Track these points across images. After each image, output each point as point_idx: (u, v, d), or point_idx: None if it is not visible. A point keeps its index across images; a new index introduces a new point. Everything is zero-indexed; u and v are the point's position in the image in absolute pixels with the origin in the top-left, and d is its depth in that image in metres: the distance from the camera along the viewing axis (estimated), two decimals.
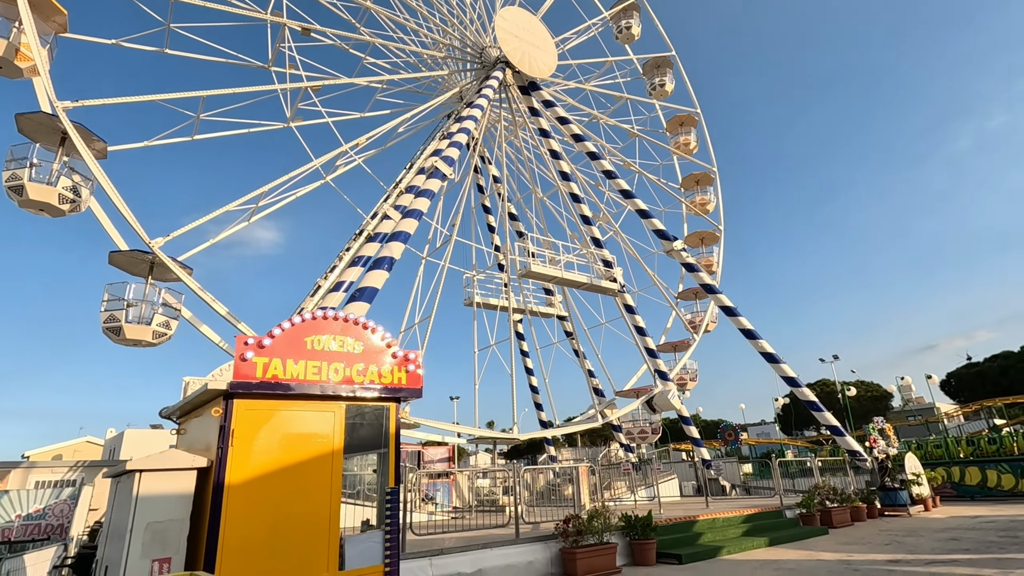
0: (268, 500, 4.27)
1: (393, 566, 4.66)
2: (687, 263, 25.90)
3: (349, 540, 4.62)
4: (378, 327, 5.22)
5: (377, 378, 5.10)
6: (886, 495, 19.08)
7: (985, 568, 9.17)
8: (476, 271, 27.64)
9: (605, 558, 10.65)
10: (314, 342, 4.80)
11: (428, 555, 9.31)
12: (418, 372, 5.33)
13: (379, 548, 4.67)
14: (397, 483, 4.94)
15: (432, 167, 17.22)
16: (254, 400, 4.42)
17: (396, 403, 5.23)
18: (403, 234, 15.17)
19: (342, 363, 4.91)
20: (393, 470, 4.99)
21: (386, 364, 5.17)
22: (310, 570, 4.28)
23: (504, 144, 28.50)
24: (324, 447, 4.66)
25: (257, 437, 4.34)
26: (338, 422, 4.82)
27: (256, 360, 4.45)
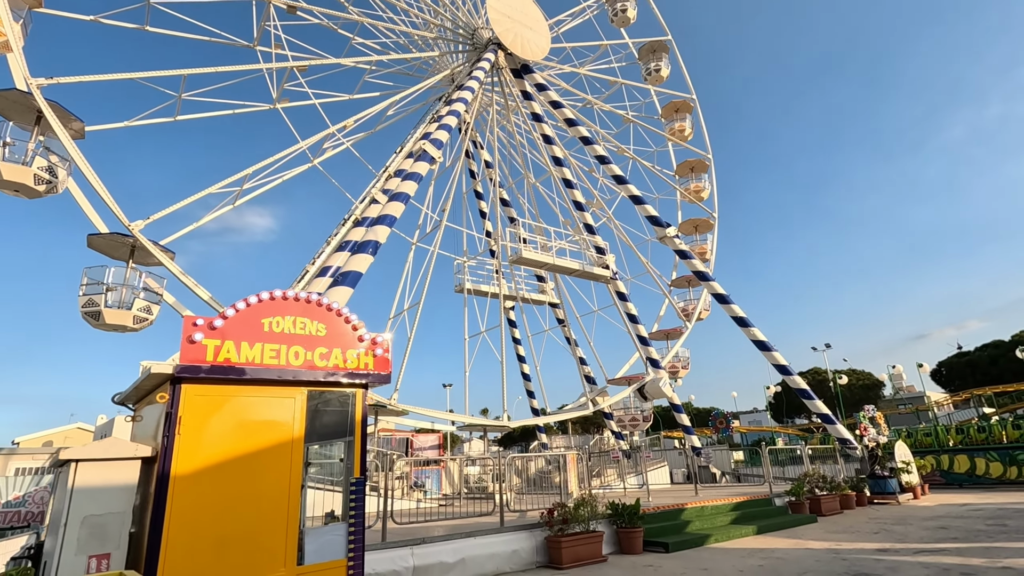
0: (220, 491, 4.01)
1: (357, 560, 4.43)
2: (680, 250, 25.67)
3: (310, 533, 4.38)
4: (343, 309, 4.93)
5: (342, 363, 4.81)
6: (875, 483, 19.08)
7: (973, 557, 9.07)
8: (467, 257, 27.32)
9: (591, 546, 10.50)
10: (272, 324, 4.51)
11: (409, 544, 9.12)
12: (386, 357, 5.05)
13: (342, 541, 4.44)
14: (363, 472, 4.70)
15: (420, 150, 16.84)
16: (204, 385, 4.14)
17: (363, 389, 4.96)
18: (389, 217, 14.82)
19: (303, 346, 4.62)
20: (359, 459, 4.73)
21: (352, 348, 4.89)
22: (265, 565, 4.04)
23: (496, 129, 28.05)
24: (283, 435, 4.39)
25: (208, 424, 4.07)
26: (299, 409, 4.55)
27: (207, 342, 4.16)
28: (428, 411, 20.11)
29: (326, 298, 4.82)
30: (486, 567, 9.72)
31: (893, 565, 8.81)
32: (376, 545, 8.82)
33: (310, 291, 4.94)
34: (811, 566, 9.04)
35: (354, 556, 4.41)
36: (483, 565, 9.70)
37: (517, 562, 10.14)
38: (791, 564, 9.27)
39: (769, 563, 9.46)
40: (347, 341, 4.90)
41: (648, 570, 9.43)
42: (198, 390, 4.12)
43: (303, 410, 4.58)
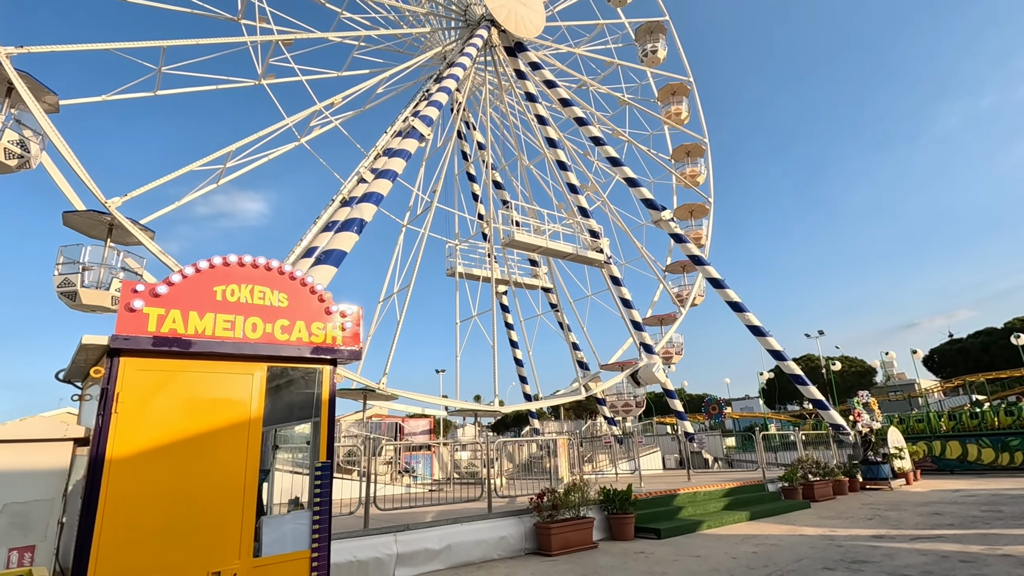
0: (164, 477, 3.62)
1: (323, 551, 4.06)
2: (675, 234, 25.30)
3: (269, 522, 4.00)
4: (308, 278, 4.50)
5: (306, 336, 4.40)
6: (868, 469, 18.98)
7: (972, 544, 8.85)
8: (459, 240, 26.84)
9: (581, 533, 10.24)
10: (226, 292, 4.08)
11: (393, 531, 8.81)
12: (356, 331, 4.64)
13: (306, 531, 4.07)
14: (330, 456, 4.32)
15: (409, 127, 16.29)
16: (147, 359, 3.73)
17: (330, 366, 4.56)
18: (375, 195, 14.32)
19: (262, 318, 4.20)
20: (325, 442, 4.34)
21: (317, 321, 4.48)
22: (216, 558, 3.67)
23: (489, 109, 27.41)
24: (239, 415, 4.00)
25: (151, 402, 3.66)
26: (257, 386, 4.15)
27: (148, 311, 3.73)
28: (418, 395, 19.78)
29: (288, 265, 4.41)
30: (473, 554, 9.44)
31: (890, 552, 8.58)
32: (358, 532, 8.52)
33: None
34: (806, 553, 8.81)
35: (319, 547, 4.05)
36: (470, 552, 9.42)
37: (505, 549, 9.87)
38: (785, 551, 9.03)
39: (763, 550, 9.22)
40: (312, 313, 4.48)
41: (639, 557, 9.17)
42: (139, 364, 3.70)
43: (262, 388, 4.18)
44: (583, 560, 9.20)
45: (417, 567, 8.81)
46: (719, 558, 8.74)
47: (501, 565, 9.12)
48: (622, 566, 8.56)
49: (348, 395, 19.49)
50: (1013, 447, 22.41)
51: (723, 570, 7.93)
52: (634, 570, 8.24)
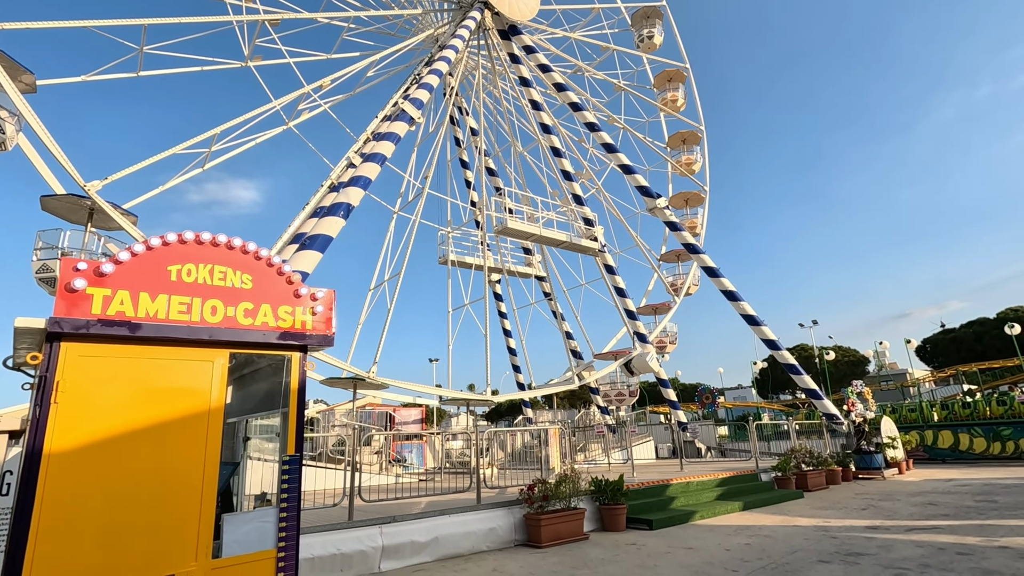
0: (111, 472, 3.32)
1: (290, 550, 3.79)
2: (670, 222, 25.03)
3: (230, 520, 3.72)
4: (275, 258, 4.17)
5: (272, 320, 4.07)
6: (861, 458, 18.94)
7: (968, 536, 8.71)
8: (451, 228, 26.46)
9: (572, 524, 10.05)
10: (182, 272, 3.75)
11: (378, 523, 8.58)
12: (329, 315, 4.33)
13: (271, 529, 3.79)
14: (299, 450, 4.03)
15: (398, 110, 15.87)
16: (92, 344, 3.41)
17: (300, 352, 4.26)
18: (363, 179, 13.93)
19: (223, 300, 3.87)
20: (294, 434, 4.05)
21: (285, 304, 4.15)
22: (170, 559, 3.39)
23: (482, 94, 26.94)
24: (197, 405, 3.69)
25: (97, 391, 3.35)
26: (218, 374, 3.84)
27: (92, 292, 3.39)
28: (409, 384, 19.54)
29: (253, 244, 4.09)
30: (461, 546, 9.23)
31: (885, 543, 8.43)
32: (342, 524, 8.29)
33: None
34: (800, 544, 8.64)
35: (286, 546, 3.77)
36: (458, 544, 9.21)
37: (494, 540, 9.67)
38: (779, 542, 8.86)
39: (756, 541, 9.06)
40: (279, 296, 4.15)
41: (631, 549, 8.99)
42: (83, 350, 3.39)
43: (223, 376, 3.87)
44: (573, 552, 9.01)
45: (403, 560, 8.60)
46: (712, 550, 8.56)
47: (490, 557, 8.92)
48: (613, 558, 8.37)
49: (338, 384, 19.20)
50: (1005, 436, 22.46)
51: (716, 563, 7.75)
52: (625, 563, 8.05)
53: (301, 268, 11.72)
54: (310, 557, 7.74)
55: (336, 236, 12.81)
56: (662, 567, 7.67)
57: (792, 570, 7.16)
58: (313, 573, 7.75)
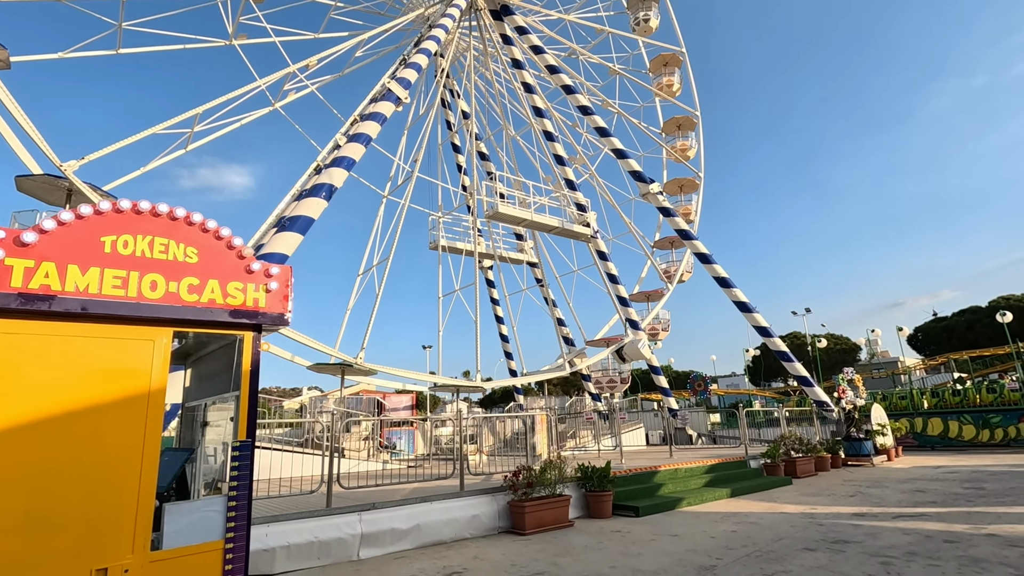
0: (35, 459, 3.07)
1: (240, 541, 3.57)
2: (663, 207, 24.78)
3: (172, 510, 3.49)
4: (225, 230, 3.89)
5: (221, 297, 3.80)
6: (850, 445, 18.93)
7: (956, 523, 8.62)
8: (442, 213, 26.10)
9: (556, 511, 9.91)
10: (118, 244, 3.47)
11: (357, 510, 8.40)
12: (284, 292, 4.07)
13: (219, 519, 3.57)
14: (250, 436, 3.80)
15: (385, 89, 15.47)
16: (11, 320, 3.14)
17: (253, 332, 4.00)
18: (346, 160, 13.57)
19: (164, 275, 3.60)
20: (246, 418, 3.82)
21: (235, 280, 3.89)
22: (103, 552, 3.16)
23: (474, 76, 26.45)
24: (135, 387, 3.45)
25: (16, 371, 3.08)
26: (160, 355, 3.58)
27: (12, 263, 3.11)
28: (398, 371, 19.36)
29: (199, 215, 3.81)
30: (443, 533, 9.08)
31: (872, 531, 8.32)
32: (319, 511, 8.11)
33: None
34: (786, 532, 8.53)
35: (235, 537, 3.56)
36: (440, 531, 9.05)
37: (477, 528, 9.52)
38: (765, 530, 8.75)
39: (742, 528, 8.94)
40: (229, 271, 3.88)
41: (615, 536, 8.85)
42: (1, 326, 3.13)
43: (165, 356, 3.61)
44: (557, 539, 8.87)
45: (384, 547, 8.44)
46: (697, 537, 8.44)
47: (472, 544, 8.77)
48: (596, 546, 8.24)
49: (326, 370, 19.00)
50: (994, 424, 22.52)
51: (700, 550, 7.62)
52: (608, 550, 7.92)
53: (280, 250, 11.43)
54: (286, 545, 7.57)
55: (318, 218, 12.49)
56: (645, 555, 7.54)
57: (777, 558, 7.03)
58: (290, 561, 7.58)
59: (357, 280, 21.85)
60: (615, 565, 7.06)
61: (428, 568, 7.40)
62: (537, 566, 7.22)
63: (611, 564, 7.12)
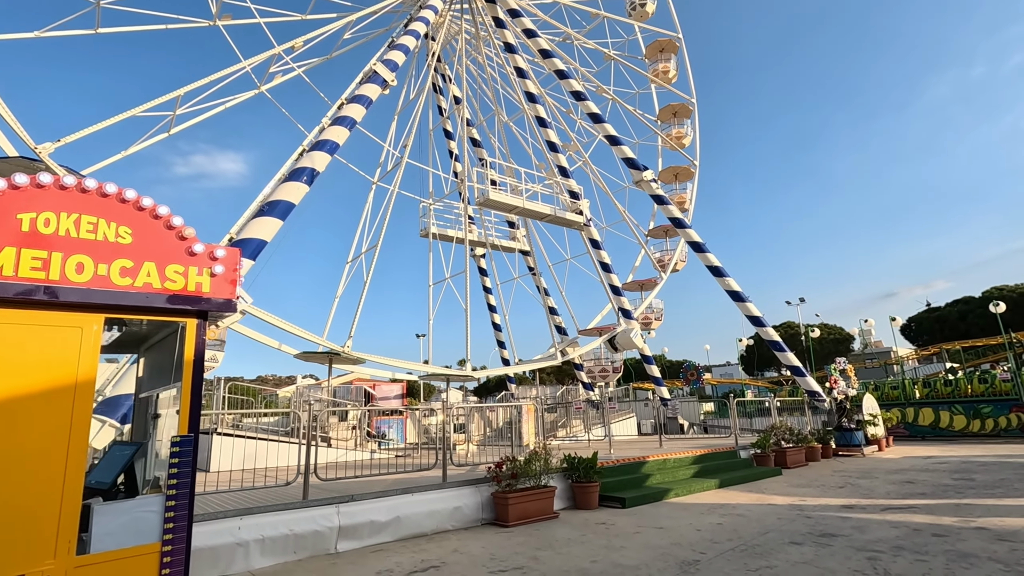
0: None
1: (179, 543, 3.33)
2: (657, 195, 24.48)
3: (102, 511, 3.23)
4: (163, 208, 3.59)
5: (158, 281, 3.51)
6: (841, 435, 18.86)
7: (945, 516, 8.48)
8: (433, 200, 25.74)
9: (541, 503, 9.74)
10: (37, 222, 3.16)
11: (335, 502, 8.19)
12: (232, 276, 3.78)
13: (156, 519, 3.33)
14: (193, 430, 3.54)
15: (371, 71, 15.05)
16: None
17: (197, 319, 3.73)
18: (329, 143, 13.19)
19: (92, 256, 3.30)
20: (188, 411, 3.56)
21: (175, 263, 3.60)
22: (20, 557, 2.92)
23: (466, 60, 25.93)
24: (59, 379, 3.18)
25: None
26: (88, 344, 3.29)
27: None
28: (385, 359, 19.12)
29: (133, 192, 3.51)
30: (424, 525, 8.89)
31: (860, 524, 8.17)
32: (295, 504, 7.90)
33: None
34: (773, 525, 8.38)
35: (174, 539, 3.32)
36: (421, 524, 8.86)
37: (460, 520, 9.34)
38: (752, 523, 8.59)
39: (729, 521, 8.79)
40: (168, 253, 3.59)
41: (599, 529, 8.69)
42: None
43: (94, 345, 3.32)
44: (540, 531, 8.71)
45: (362, 540, 8.24)
46: (683, 530, 8.28)
47: (453, 537, 8.59)
48: (579, 539, 8.07)
49: (313, 358, 18.76)
50: (985, 414, 22.51)
51: (685, 544, 7.45)
52: (591, 543, 7.75)
53: (258, 236, 11.12)
54: (260, 538, 7.37)
55: (299, 203, 12.15)
56: (628, 548, 7.37)
57: (762, 552, 6.87)
58: (264, 556, 7.38)
59: (346, 268, 21.54)
60: (596, 559, 6.88)
61: (406, 562, 7.21)
62: (517, 560, 7.04)
63: (592, 558, 6.95)
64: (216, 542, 7.00)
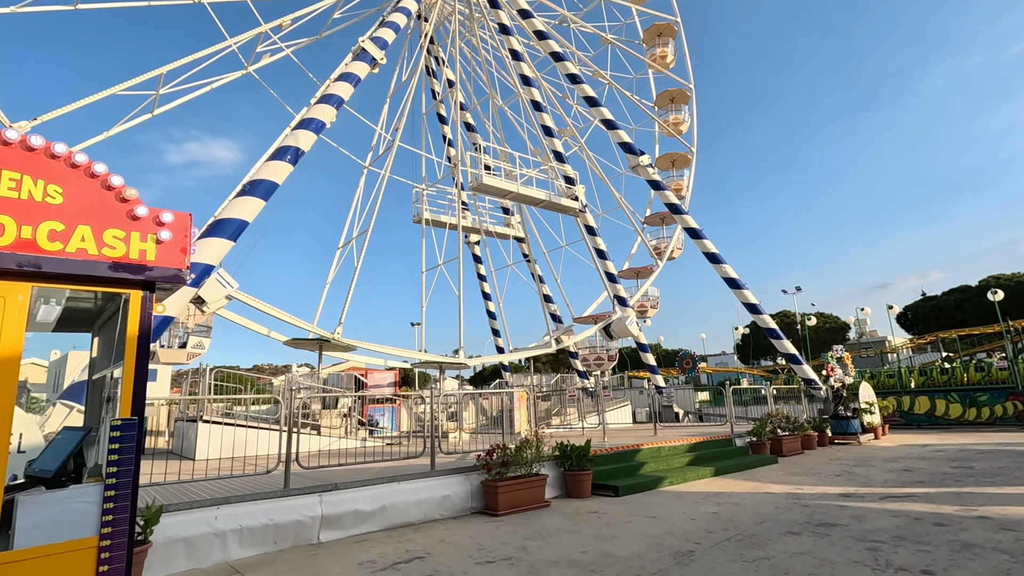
0: None
1: (119, 537, 3.02)
2: (653, 180, 24.10)
3: (28, 502, 2.91)
4: (100, 166, 3.22)
5: (94, 247, 3.16)
6: (837, 423, 18.70)
7: (945, 504, 8.26)
8: (426, 185, 25.29)
9: (532, 491, 9.49)
10: None
11: (318, 491, 7.91)
12: (182, 243, 3.42)
13: (93, 511, 3.01)
14: (137, 412, 3.20)
15: (359, 49, 14.57)
16: None
17: (142, 291, 3.37)
18: (315, 122, 12.76)
19: (15, 218, 2.93)
20: (131, 392, 3.23)
21: (114, 227, 3.23)
22: None
23: (459, 42, 25.38)
24: None
25: None
26: (13, 315, 2.95)
27: None
28: (376, 346, 18.82)
29: (63, 145, 3.14)
30: (411, 514, 8.63)
31: (858, 513, 7.95)
32: (276, 493, 7.61)
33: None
34: (770, 514, 8.14)
35: (113, 533, 3.00)
36: (408, 513, 8.60)
37: (448, 508, 9.08)
38: (748, 511, 8.36)
39: (724, 510, 8.56)
40: (106, 216, 3.22)
41: (591, 518, 8.44)
42: None
43: (19, 317, 2.97)
44: (531, 520, 8.46)
45: (346, 530, 7.97)
46: (677, 519, 8.04)
47: (441, 526, 8.34)
48: (570, 528, 7.82)
49: (303, 345, 18.45)
50: (981, 402, 22.40)
51: (679, 533, 7.20)
52: (583, 533, 7.50)
53: (239, 216, 10.71)
54: (238, 528, 7.09)
55: (282, 183, 11.74)
56: (620, 538, 7.12)
57: (759, 542, 6.63)
58: (242, 546, 7.10)
59: (337, 253, 21.15)
60: (587, 550, 6.63)
61: (389, 552, 6.95)
62: (505, 551, 6.79)
63: (583, 549, 6.69)
64: (191, 532, 6.72)
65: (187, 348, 16.25)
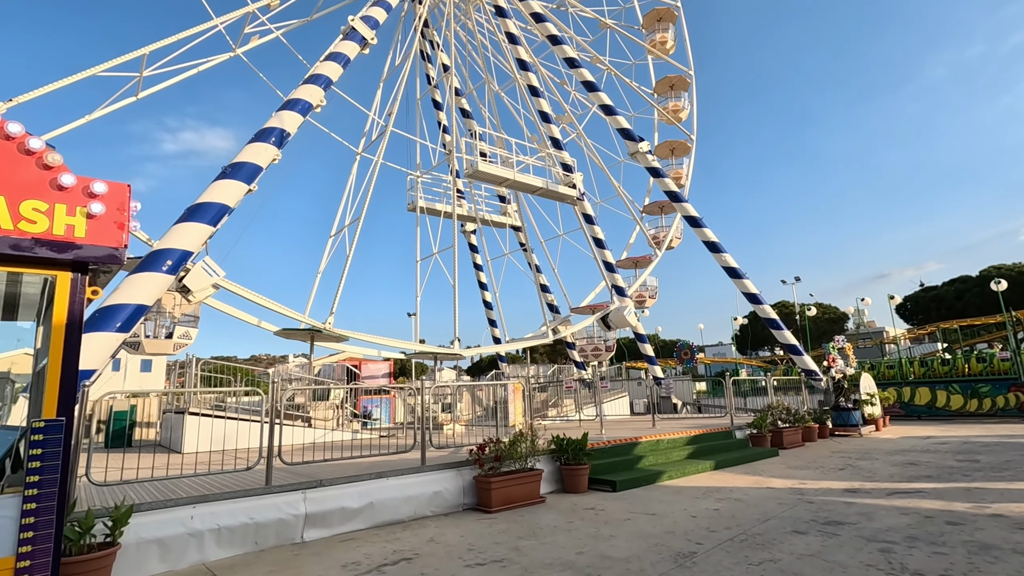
0: None
1: (42, 556, 2.62)
2: (652, 167, 23.62)
3: None
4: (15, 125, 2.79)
5: (8, 222, 2.73)
6: (838, 415, 18.42)
7: (956, 501, 7.94)
8: (420, 172, 24.77)
9: (527, 486, 9.15)
10: None
11: (302, 488, 7.55)
12: (119, 219, 2.99)
13: (10, 527, 2.63)
14: (64, 412, 2.79)
15: (348, 28, 14.03)
16: None
17: (71, 272, 2.96)
18: (301, 103, 12.27)
19: None
20: (56, 389, 2.82)
21: (36, 199, 2.82)
22: None
23: (455, 25, 24.74)
24: None
25: None
26: None
27: None
28: (369, 336, 18.43)
29: None
30: (401, 512, 8.29)
31: (866, 510, 7.62)
32: (256, 490, 7.25)
33: None
34: (774, 511, 7.81)
35: (34, 552, 2.62)
36: (397, 510, 8.25)
37: (440, 505, 8.74)
38: (751, 508, 8.03)
39: (726, 506, 8.22)
40: (24, 185, 2.79)
41: (588, 514, 8.11)
42: None
43: None
44: (525, 517, 8.12)
45: (332, 528, 7.63)
46: (676, 516, 7.70)
47: (431, 524, 7.99)
48: (566, 526, 7.48)
49: (295, 336, 18.04)
50: (983, 393, 22.16)
51: (679, 532, 6.87)
52: (578, 531, 7.15)
53: (219, 200, 10.24)
54: (216, 528, 6.73)
55: (266, 166, 11.27)
56: (618, 537, 6.78)
57: (764, 542, 6.29)
58: (220, 547, 6.75)
59: (329, 241, 20.69)
60: (583, 551, 6.29)
61: (376, 553, 6.60)
62: (497, 551, 6.44)
63: (579, 549, 6.35)
64: (165, 533, 6.37)
65: (173, 338, 15.85)
